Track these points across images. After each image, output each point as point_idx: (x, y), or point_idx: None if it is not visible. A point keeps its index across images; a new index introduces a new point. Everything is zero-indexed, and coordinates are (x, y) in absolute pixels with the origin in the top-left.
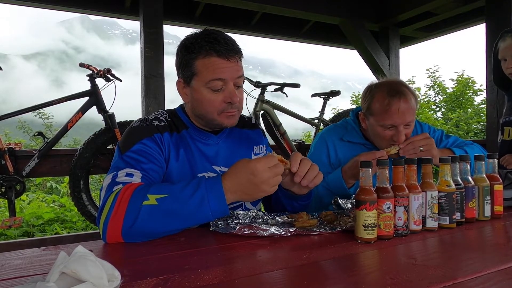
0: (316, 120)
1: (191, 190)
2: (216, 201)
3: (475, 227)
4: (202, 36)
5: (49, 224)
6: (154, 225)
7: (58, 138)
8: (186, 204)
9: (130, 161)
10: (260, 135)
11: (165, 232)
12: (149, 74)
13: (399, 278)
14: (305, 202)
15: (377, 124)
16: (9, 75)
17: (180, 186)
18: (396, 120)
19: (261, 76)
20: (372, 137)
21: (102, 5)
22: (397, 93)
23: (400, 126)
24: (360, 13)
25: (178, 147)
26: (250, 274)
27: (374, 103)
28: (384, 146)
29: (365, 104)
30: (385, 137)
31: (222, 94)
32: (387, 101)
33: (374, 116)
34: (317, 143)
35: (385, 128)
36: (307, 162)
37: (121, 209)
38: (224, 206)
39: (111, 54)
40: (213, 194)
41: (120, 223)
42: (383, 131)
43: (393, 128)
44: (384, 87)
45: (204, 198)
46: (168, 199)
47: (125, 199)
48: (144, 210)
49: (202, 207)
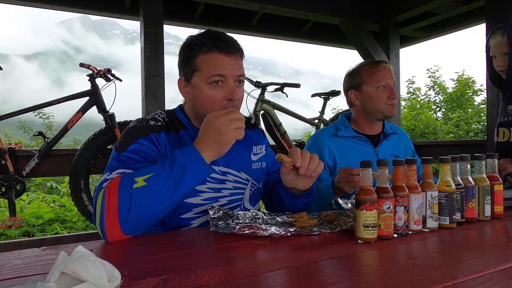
0: (316, 120)
1: (171, 162)
2: (196, 163)
3: (475, 227)
4: (204, 34)
5: (49, 224)
6: (149, 206)
7: (58, 138)
8: (171, 175)
9: (126, 160)
10: (259, 135)
11: (160, 210)
12: (149, 74)
13: (399, 278)
14: (308, 199)
15: (372, 88)
16: (10, 75)
17: (160, 163)
18: (387, 80)
19: (261, 76)
20: (370, 105)
21: (102, 5)
22: (378, 61)
23: (391, 84)
24: (360, 13)
25: (175, 147)
26: (250, 274)
27: (364, 74)
28: (384, 107)
29: (353, 81)
30: (383, 98)
31: (223, 91)
32: (376, 67)
33: (367, 83)
34: (309, 146)
35: (380, 89)
36: (307, 154)
37: (112, 202)
38: (205, 165)
39: (111, 54)
40: (192, 158)
41: (116, 215)
42: (379, 93)
43: (387, 89)
44: (366, 62)
45: (186, 164)
46: (154, 177)
47: (113, 191)
48: (136, 194)
49: (186, 173)
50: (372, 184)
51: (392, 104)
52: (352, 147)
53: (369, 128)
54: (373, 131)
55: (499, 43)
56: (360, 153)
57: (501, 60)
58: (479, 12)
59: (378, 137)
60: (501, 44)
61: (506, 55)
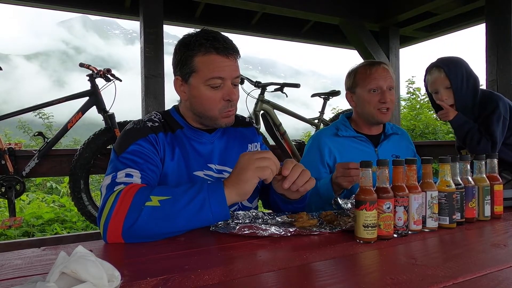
0: (316, 120)
1: (193, 192)
2: (217, 204)
3: (475, 227)
4: (201, 35)
5: (49, 224)
6: (155, 226)
7: (58, 138)
8: (188, 206)
9: (127, 162)
10: (254, 133)
11: (165, 234)
12: (149, 74)
13: (399, 278)
14: (299, 205)
15: (364, 91)
16: (11, 75)
17: (183, 189)
18: (380, 82)
19: (261, 76)
20: (362, 108)
21: (102, 5)
22: (376, 62)
23: (384, 86)
24: (360, 13)
25: (173, 146)
26: (250, 274)
27: (358, 76)
28: (374, 111)
29: (349, 82)
30: (373, 101)
31: (221, 92)
32: (369, 69)
33: (360, 85)
34: (310, 147)
35: (372, 92)
36: (299, 168)
37: (122, 209)
38: (225, 210)
39: (111, 54)
40: (215, 197)
41: (121, 222)
42: (370, 97)
43: (378, 92)
44: (364, 63)
45: (206, 201)
46: (170, 201)
47: (127, 199)
48: (146, 211)
49: (203, 210)
50: (372, 184)
51: (382, 108)
52: (353, 147)
53: (369, 129)
54: (373, 131)
55: (438, 77)
56: (360, 153)
57: (444, 94)
58: (479, 12)
59: (379, 137)
60: (440, 79)
61: (447, 89)
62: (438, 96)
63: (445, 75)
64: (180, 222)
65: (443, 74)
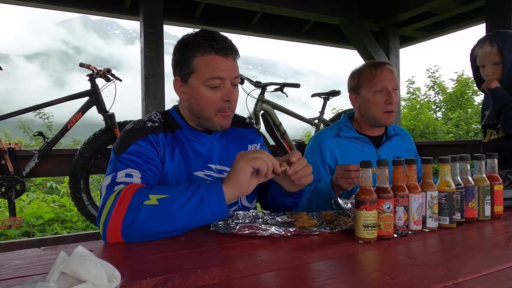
0: (316, 120)
1: (192, 191)
2: (216, 201)
3: (475, 227)
4: (200, 35)
5: (49, 224)
6: (154, 225)
7: (58, 138)
8: (186, 204)
9: (127, 162)
10: (254, 134)
11: (164, 233)
12: (149, 74)
13: (399, 278)
14: (296, 199)
15: (369, 93)
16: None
17: (181, 188)
18: (385, 83)
19: (261, 76)
20: (367, 109)
21: (102, 5)
22: (381, 63)
23: (389, 87)
24: (360, 13)
25: (173, 147)
26: (250, 274)
27: (363, 76)
28: (379, 114)
29: (353, 83)
30: (379, 103)
31: (220, 92)
32: (374, 70)
33: (365, 86)
34: (311, 147)
35: (377, 93)
36: (304, 160)
37: (122, 208)
38: (224, 207)
39: (111, 54)
40: (213, 195)
41: (120, 222)
42: (376, 98)
43: (384, 93)
44: (368, 63)
45: (204, 199)
46: (169, 200)
47: (126, 198)
48: (144, 210)
49: (202, 208)
50: (372, 184)
51: (389, 110)
52: (354, 148)
53: (371, 130)
54: (375, 132)
55: (489, 53)
56: (362, 154)
57: (491, 69)
58: (479, 12)
59: (381, 138)
60: (491, 54)
61: (496, 65)
62: (484, 70)
63: (497, 49)
64: (179, 220)
65: (495, 49)
